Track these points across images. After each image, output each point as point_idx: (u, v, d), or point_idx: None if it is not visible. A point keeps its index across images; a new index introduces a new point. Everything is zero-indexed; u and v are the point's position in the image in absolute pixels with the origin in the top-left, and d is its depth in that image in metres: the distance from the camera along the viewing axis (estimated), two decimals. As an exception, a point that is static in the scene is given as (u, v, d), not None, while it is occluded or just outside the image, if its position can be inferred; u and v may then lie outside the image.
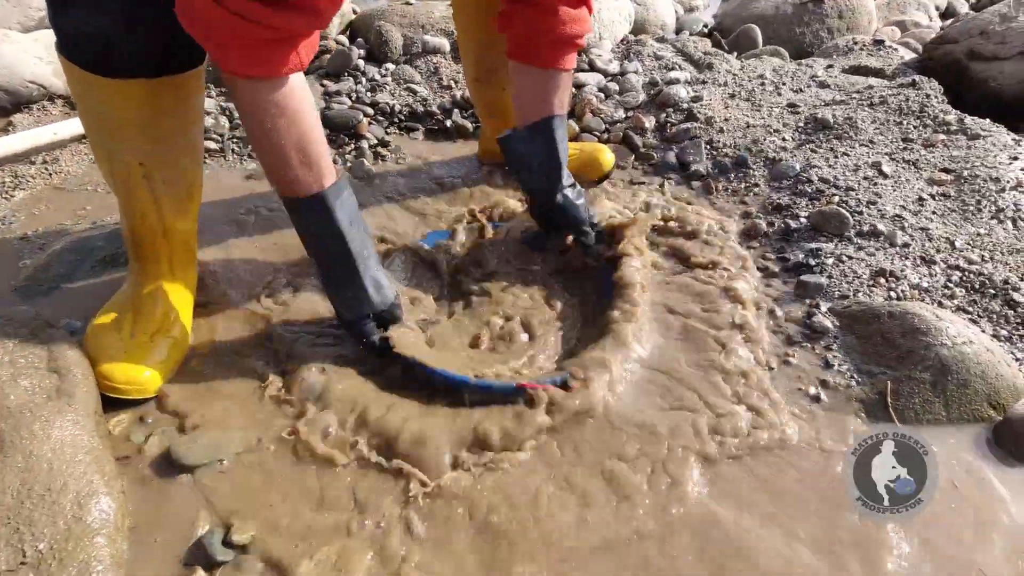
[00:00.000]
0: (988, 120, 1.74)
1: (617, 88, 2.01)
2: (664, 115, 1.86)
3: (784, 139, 1.73)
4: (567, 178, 1.29)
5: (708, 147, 1.73)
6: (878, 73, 2.15)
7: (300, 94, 0.97)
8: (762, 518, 0.90)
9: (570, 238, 1.31)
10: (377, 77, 2.04)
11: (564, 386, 1.03)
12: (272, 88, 0.93)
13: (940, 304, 1.22)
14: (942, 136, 1.69)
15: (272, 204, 1.51)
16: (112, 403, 1.01)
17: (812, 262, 1.33)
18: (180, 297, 1.14)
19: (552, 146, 1.26)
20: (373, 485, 0.92)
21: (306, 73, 2.06)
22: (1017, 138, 1.67)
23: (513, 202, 1.51)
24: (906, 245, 1.34)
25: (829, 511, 0.91)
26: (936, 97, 1.84)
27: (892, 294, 1.24)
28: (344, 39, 2.24)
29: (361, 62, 2.09)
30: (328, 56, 2.10)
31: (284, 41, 0.90)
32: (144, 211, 1.07)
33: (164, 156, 1.04)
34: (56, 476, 0.81)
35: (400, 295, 1.15)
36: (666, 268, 1.34)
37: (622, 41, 2.38)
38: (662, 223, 1.45)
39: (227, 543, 0.84)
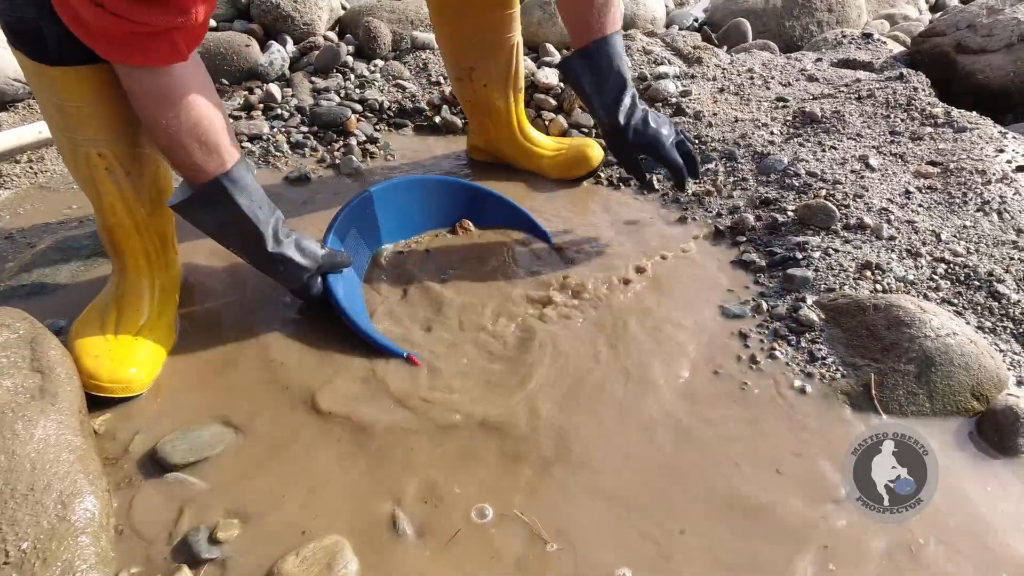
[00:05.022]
0: (975, 113, 1.75)
1: (606, 83, 2.00)
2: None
3: (772, 133, 1.73)
4: (631, 100, 1.27)
5: (696, 141, 1.73)
6: (866, 66, 2.15)
7: (189, 80, 0.91)
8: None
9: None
10: (366, 73, 2.03)
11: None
12: (153, 76, 0.88)
13: (925, 296, 1.23)
14: (929, 129, 1.70)
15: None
16: (97, 402, 1.00)
17: (799, 255, 1.33)
18: (164, 294, 1.14)
19: (600, 71, 1.24)
20: (363, 482, 0.93)
21: (294, 69, 2.07)
22: (1003, 130, 1.68)
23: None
24: (892, 238, 1.35)
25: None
26: (923, 90, 1.85)
27: (878, 287, 1.24)
28: (333, 35, 2.24)
29: (350, 58, 2.09)
30: (316, 52, 2.09)
31: (154, 35, 0.85)
32: (113, 205, 1.06)
33: (122, 145, 1.02)
34: (39, 475, 0.81)
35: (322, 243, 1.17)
36: None
37: (611, 36, 2.37)
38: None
39: (212, 540, 0.84)
